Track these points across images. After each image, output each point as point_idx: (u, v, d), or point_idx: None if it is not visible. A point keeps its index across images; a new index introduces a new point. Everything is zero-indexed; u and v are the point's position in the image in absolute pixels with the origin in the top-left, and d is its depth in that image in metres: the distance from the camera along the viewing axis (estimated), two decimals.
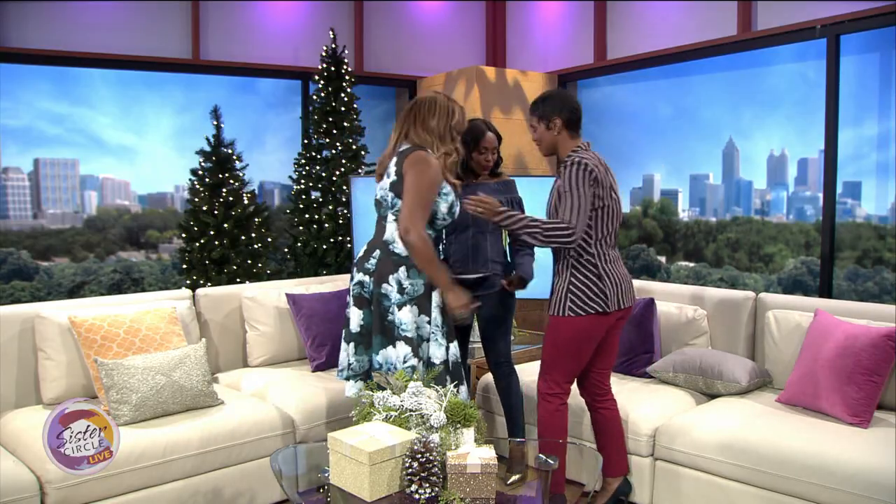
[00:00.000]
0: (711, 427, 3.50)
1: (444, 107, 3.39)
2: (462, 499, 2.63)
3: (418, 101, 3.45)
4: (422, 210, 3.24)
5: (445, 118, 3.37)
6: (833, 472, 3.05)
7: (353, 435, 2.79)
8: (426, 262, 3.25)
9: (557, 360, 3.44)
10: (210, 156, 5.59)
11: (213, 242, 5.51)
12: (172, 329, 3.86)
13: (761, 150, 5.49)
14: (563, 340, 3.39)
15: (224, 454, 3.48)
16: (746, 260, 5.61)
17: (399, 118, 3.51)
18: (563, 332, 3.38)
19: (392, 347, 3.31)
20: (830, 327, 3.64)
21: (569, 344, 3.39)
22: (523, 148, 6.55)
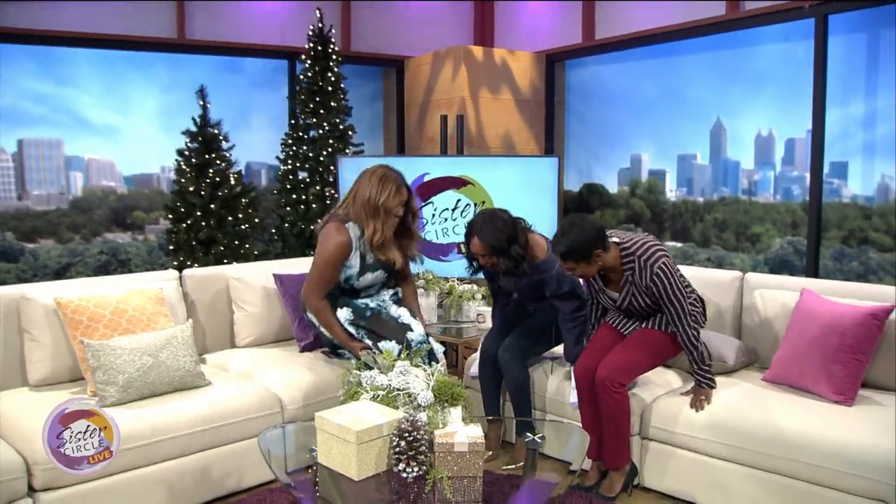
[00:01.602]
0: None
1: (377, 184, 3.61)
2: (450, 477, 2.64)
3: (364, 171, 3.71)
4: (315, 283, 3.68)
5: (368, 195, 3.61)
6: (818, 450, 3.08)
7: (340, 414, 2.79)
8: (324, 325, 3.76)
9: (641, 368, 3.60)
10: (196, 136, 5.56)
11: (200, 223, 5.49)
12: (159, 310, 3.84)
13: (749, 129, 5.49)
14: (659, 355, 3.61)
15: (212, 435, 3.47)
16: (733, 240, 5.62)
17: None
18: (665, 351, 3.60)
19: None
20: (816, 306, 3.66)
21: (658, 360, 3.63)
22: (511, 128, 6.54)
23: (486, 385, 4.07)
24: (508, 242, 3.64)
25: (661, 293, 3.43)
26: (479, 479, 2.66)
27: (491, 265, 3.74)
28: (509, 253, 3.65)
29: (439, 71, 6.50)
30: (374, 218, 3.62)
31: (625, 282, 3.50)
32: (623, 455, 3.52)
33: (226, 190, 5.57)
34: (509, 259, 3.66)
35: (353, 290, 3.83)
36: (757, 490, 3.27)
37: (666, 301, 3.45)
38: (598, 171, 6.52)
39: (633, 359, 3.58)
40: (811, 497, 3.12)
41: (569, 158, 6.74)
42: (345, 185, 5.44)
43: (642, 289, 3.48)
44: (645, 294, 3.50)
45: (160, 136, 5.96)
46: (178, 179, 5.58)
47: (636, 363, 3.58)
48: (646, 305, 3.56)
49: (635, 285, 3.49)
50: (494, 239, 3.63)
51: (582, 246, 3.33)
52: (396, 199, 3.65)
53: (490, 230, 3.64)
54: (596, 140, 6.53)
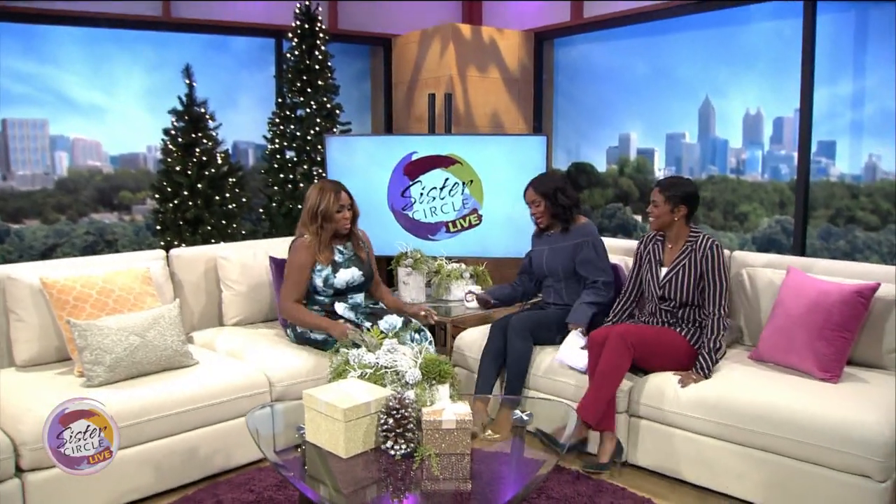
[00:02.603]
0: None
1: (309, 196, 4.10)
2: (437, 454, 2.65)
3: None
4: (286, 289, 4.04)
5: (309, 204, 4.07)
6: (803, 427, 3.11)
7: (328, 392, 2.79)
8: (300, 322, 4.02)
9: (655, 350, 3.67)
10: (182, 115, 5.52)
11: (187, 203, 5.46)
12: (146, 289, 3.83)
13: (737, 108, 5.49)
14: (673, 355, 3.67)
15: (200, 414, 3.47)
16: (721, 219, 5.64)
17: None
18: (679, 354, 3.67)
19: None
20: (802, 284, 3.68)
21: (669, 356, 3.69)
22: (499, 107, 6.52)
23: (487, 368, 4.08)
24: (556, 191, 4.19)
25: (712, 266, 3.66)
26: (466, 457, 2.67)
27: (540, 215, 4.25)
28: (556, 199, 4.18)
29: (427, 49, 6.47)
30: (312, 224, 4.06)
31: (683, 251, 3.73)
32: (608, 416, 3.56)
33: (213, 169, 5.54)
34: (556, 206, 4.19)
35: (337, 292, 4.08)
36: (743, 466, 3.30)
37: (713, 275, 3.64)
38: (587, 150, 6.51)
39: (653, 335, 3.68)
40: (797, 473, 3.15)
41: (557, 137, 6.73)
42: (332, 165, 5.42)
43: (696, 261, 3.67)
44: (696, 269, 3.66)
45: (146, 115, 5.91)
46: (164, 159, 5.55)
47: (654, 340, 3.66)
48: (687, 287, 3.68)
49: (691, 255, 3.69)
50: (544, 185, 4.22)
51: (684, 193, 3.71)
52: (336, 204, 4.05)
53: (542, 179, 4.29)
54: (584, 119, 6.51)
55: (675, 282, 3.71)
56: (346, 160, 5.42)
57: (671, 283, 3.72)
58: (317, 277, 4.04)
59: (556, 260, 4.25)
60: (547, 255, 4.30)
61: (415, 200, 5.38)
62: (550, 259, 4.28)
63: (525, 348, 4.00)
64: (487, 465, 2.73)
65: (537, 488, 3.34)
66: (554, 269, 4.27)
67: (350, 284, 4.11)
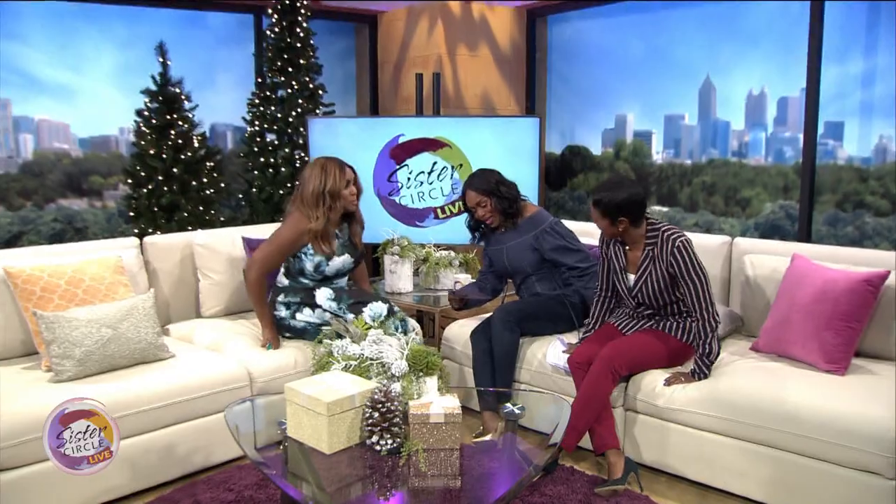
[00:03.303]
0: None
1: (310, 176, 3.99)
2: (425, 450, 2.65)
3: (305, 167, 4.12)
4: (261, 261, 3.94)
5: (313, 186, 3.96)
6: (809, 421, 3.11)
7: (310, 385, 2.79)
8: (252, 300, 4.01)
9: (646, 363, 3.63)
10: (156, 95, 5.48)
11: (162, 188, 5.44)
12: (118, 279, 3.81)
13: (739, 88, 5.49)
14: (666, 356, 3.62)
15: (177, 410, 3.46)
16: (722, 204, 5.65)
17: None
18: (673, 354, 3.63)
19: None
20: (808, 272, 3.68)
21: (664, 360, 3.64)
22: (490, 87, 6.51)
23: (483, 378, 4.06)
24: (497, 183, 4.18)
25: (682, 267, 3.46)
26: (455, 452, 2.67)
27: (489, 215, 4.19)
28: (500, 193, 4.16)
29: (414, 27, 6.44)
30: (317, 207, 3.96)
31: (645, 257, 3.56)
32: (607, 434, 3.49)
33: (189, 153, 5.51)
34: (502, 199, 4.16)
35: (324, 277, 4.06)
36: (745, 463, 3.31)
37: (686, 277, 3.47)
38: (581, 132, 6.51)
39: (640, 350, 3.60)
40: (801, 469, 3.16)
41: (550, 119, 6.73)
42: (315, 148, 5.41)
43: (662, 264, 3.51)
44: (664, 272, 3.51)
45: (117, 95, 5.86)
46: (137, 142, 5.51)
47: (642, 356, 3.60)
48: (660, 291, 3.56)
49: (655, 260, 3.53)
50: (483, 181, 4.18)
51: (618, 203, 3.47)
52: (343, 180, 3.99)
53: (478, 176, 4.24)
54: (579, 100, 6.51)
55: (647, 289, 3.60)
56: (329, 143, 5.40)
57: (642, 291, 3.61)
58: (307, 261, 4.01)
59: (518, 257, 4.21)
60: (507, 254, 4.24)
61: (402, 185, 5.38)
62: (512, 258, 4.23)
63: (511, 340, 3.98)
64: (478, 460, 2.74)
65: (530, 485, 3.35)
66: (519, 267, 4.23)
67: (340, 272, 4.11)
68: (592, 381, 3.48)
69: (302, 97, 5.97)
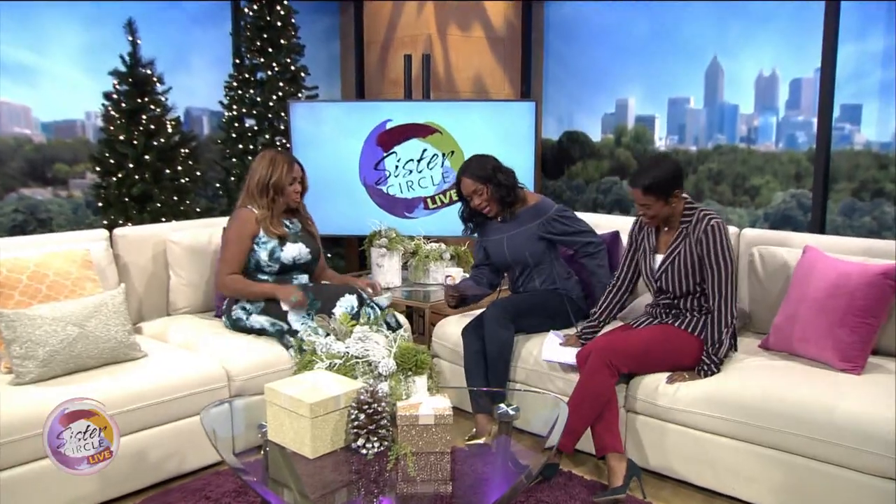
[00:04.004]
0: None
1: (257, 166, 4.17)
2: (414, 453, 2.65)
3: (256, 157, 4.27)
4: (224, 261, 4.13)
5: (259, 176, 4.13)
6: (822, 423, 3.11)
7: (292, 385, 2.79)
8: (243, 294, 4.10)
9: (648, 363, 3.63)
10: (126, 77, 5.45)
11: (133, 177, 5.41)
12: (86, 274, 3.80)
13: (749, 70, 5.49)
14: (672, 354, 3.61)
15: (148, 413, 3.45)
16: (730, 193, 5.66)
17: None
18: (681, 354, 3.62)
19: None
20: (821, 265, 3.69)
21: (669, 359, 3.63)
22: (483, 69, 6.50)
23: (476, 379, 4.06)
24: (494, 170, 4.19)
25: (711, 248, 3.52)
26: (446, 456, 2.68)
27: (485, 204, 4.20)
28: (497, 180, 4.17)
29: (403, 5, 6.43)
30: (262, 198, 4.13)
31: (679, 235, 3.61)
32: (610, 436, 3.48)
33: (162, 139, 5.49)
34: (499, 187, 4.17)
35: (283, 268, 4.15)
36: (754, 467, 3.31)
37: (713, 259, 3.51)
38: (580, 117, 6.51)
39: (643, 344, 3.60)
40: (815, 475, 3.15)
41: (547, 104, 6.72)
42: (297, 134, 5.40)
43: (692, 243, 3.56)
44: (692, 253, 3.55)
45: (83, 77, 5.82)
46: (106, 127, 5.48)
47: (643, 351, 3.59)
48: (684, 274, 3.58)
49: (687, 238, 3.58)
50: (480, 168, 4.19)
51: (668, 178, 3.53)
52: (289, 176, 4.14)
53: (473, 162, 4.25)
54: (578, 83, 6.50)
55: (671, 272, 3.62)
56: (312, 129, 5.39)
57: (667, 273, 3.64)
58: (261, 250, 4.09)
59: (519, 247, 4.23)
60: (507, 243, 4.25)
61: (389, 174, 5.38)
62: (512, 247, 4.24)
63: (506, 337, 3.99)
64: (470, 464, 2.74)
65: (525, 490, 3.35)
66: (520, 257, 4.25)
67: (297, 261, 4.16)
68: (588, 376, 3.49)
69: (283, 80, 5.96)
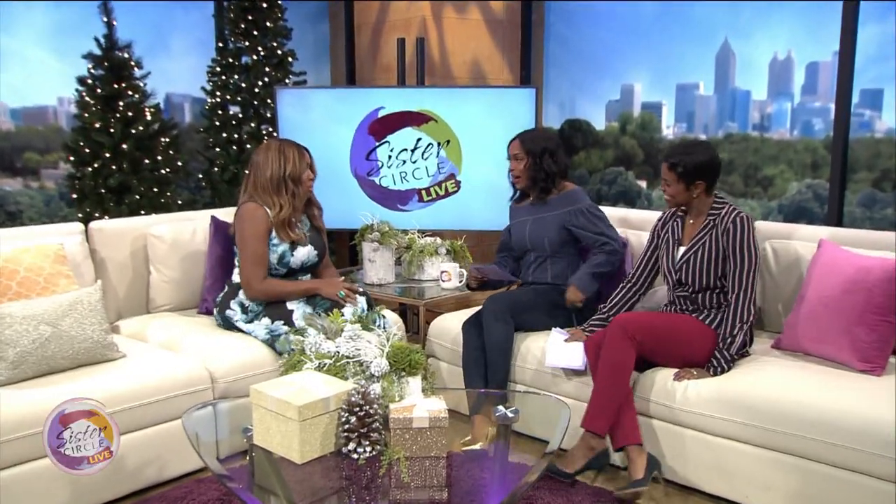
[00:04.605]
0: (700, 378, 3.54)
1: (265, 160, 4.04)
2: (408, 458, 2.65)
3: (257, 150, 4.16)
4: (252, 263, 3.97)
5: (272, 170, 4.01)
6: (839, 427, 3.10)
7: (280, 387, 2.79)
8: (283, 297, 4.01)
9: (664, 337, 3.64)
10: (101, 61, 5.42)
11: (110, 167, 5.40)
12: (60, 269, 3.79)
13: (763, 53, 5.49)
14: (691, 349, 3.63)
15: (127, 417, 3.42)
16: (742, 184, 5.67)
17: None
18: (701, 348, 3.63)
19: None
20: (838, 259, 3.69)
21: (684, 346, 3.64)
22: (480, 54, 6.50)
23: (474, 378, 4.07)
24: (544, 152, 4.25)
25: (736, 239, 3.61)
26: (442, 461, 2.68)
27: (518, 173, 4.32)
28: (541, 160, 4.25)
29: None
30: (278, 194, 4.03)
31: (704, 227, 3.70)
32: (629, 427, 3.52)
33: (141, 127, 5.48)
34: (538, 167, 4.25)
35: (290, 271, 4.14)
36: (768, 474, 3.31)
37: (738, 249, 3.60)
38: (583, 104, 6.52)
39: (663, 325, 3.65)
40: (834, 482, 3.14)
41: (548, 90, 6.72)
42: (284, 122, 5.40)
43: (717, 236, 3.64)
44: (717, 245, 3.64)
45: (55, 60, 5.79)
46: (80, 114, 5.46)
47: (664, 330, 3.63)
48: (707, 267, 3.65)
49: (713, 231, 3.66)
50: (533, 142, 4.28)
51: (698, 164, 3.65)
52: (303, 164, 4.08)
53: (533, 134, 4.40)
54: (580, 68, 6.50)
55: (693, 263, 3.69)
56: (300, 117, 5.39)
57: (688, 264, 3.71)
58: (271, 254, 4.05)
59: (541, 231, 4.28)
60: (530, 226, 4.32)
61: (382, 164, 5.38)
62: (534, 231, 4.30)
63: (505, 333, 4.00)
64: (466, 470, 2.75)
65: (525, 497, 3.35)
66: (538, 242, 4.29)
67: (304, 265, 4.15)
68: (609, 352, 3.52)
69: (269, 64, 5.96)
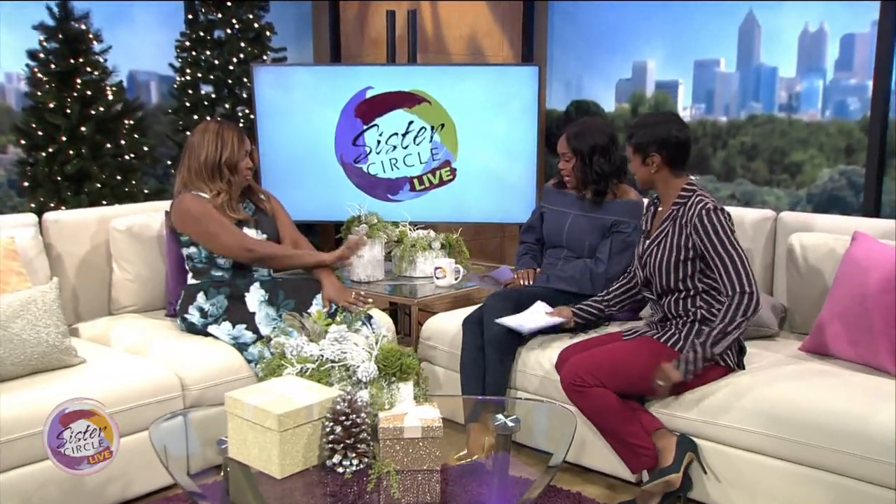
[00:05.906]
0: (720, 385, 3.53)
1: (200, 142, 4.11)
2: (398, 471, 2.67)
3: (193, 132, 4.22)
4: (231, 236, 4.02)
5: (206, 154, 4.08)
6: (876, 440, 3.08)
7: (257, 394, 2.79)
8: (291, 261, 4.18)
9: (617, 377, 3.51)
10: (55, 33, 5.39)
11: (67, 152, 5.39)
12: (10, 266, 3.80)
13: (791, 25, 5.48)
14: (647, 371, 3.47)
15: None
16: (766, 171, 5.67)
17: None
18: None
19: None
20: (873, 254, 3.69)
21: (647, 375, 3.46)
22: (479, 30, 6.51)
23: (471, 383, 4.08)
24: (593, 150, 4.22)
25: (704, 238, 3.44)
26: (436, 474, 2.69)
27: (567, 173, 4.32)
28: (590, 160, 4.22)
29: None
30: (212, 180, 4.09)
31: (668, 216, 3.60)
32: (644, 419, 3.53)
33: (101, 108, 5.46)
34: (588, 168, 4.23)
35: (238, 262, 4.15)
36: (794, 489, 3.30)
37: (712, 251, 3.43)
38: (591, 83, 6.53)
39: (608, 359, 3.56)
40: (866, 499, 3.13)
41: (553, 68, 6.74)
42: (262, 103, 5.40)
43: (679, 229, 3.52)
44: (678, 240, 3.52)
45: (2, 31, 5.78)
46: (32, 92, 5.44)
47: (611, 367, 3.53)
48: (665, 263, 3.56)
49: (675, 222, 3.54)
50: (580, 140, 4.24)
51: (653, 136, 3.54)
52: (242, 150, 4.12)
53: (581, 131, 4.28)
54: (588, 44, 6.52)
55: (654, 258, 3.62)
56: (280, 98, 5.39)
57: (650, 258, 3.64)
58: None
59: (583, 231, 4.30)
60: (573, 221, 4.34)
61: (370, 150, 5.39)
62: (575, 228, 4.31)
63: (507, 332, 4.01)
64: (462, 484, 2.76)
65: None
66: (577, 242, 4.31)
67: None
68: (584, 406, 3.52)
69: (245, 39, 5.94)
